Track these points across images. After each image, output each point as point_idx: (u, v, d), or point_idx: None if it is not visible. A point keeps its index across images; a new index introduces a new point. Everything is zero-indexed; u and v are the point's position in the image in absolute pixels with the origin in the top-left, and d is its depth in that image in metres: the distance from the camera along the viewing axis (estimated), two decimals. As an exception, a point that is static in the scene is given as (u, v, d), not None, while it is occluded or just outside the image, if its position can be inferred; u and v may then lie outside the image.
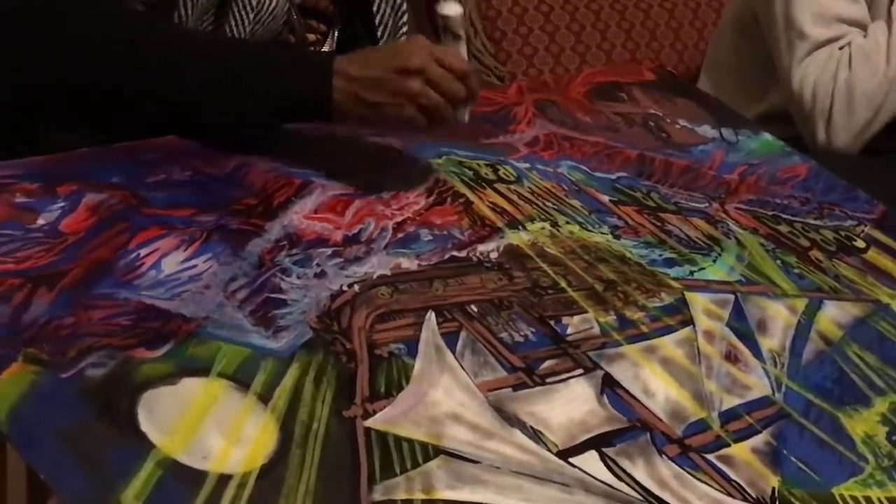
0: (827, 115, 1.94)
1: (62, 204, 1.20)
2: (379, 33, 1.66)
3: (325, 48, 1.65)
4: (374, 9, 1.66)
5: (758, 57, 2.07)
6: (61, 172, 1.24)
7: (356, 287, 1.20)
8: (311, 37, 1.64)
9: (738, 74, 2.14)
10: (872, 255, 1.49)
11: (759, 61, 2.07)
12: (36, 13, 1.37)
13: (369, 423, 1.05)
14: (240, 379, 1.05)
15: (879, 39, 1.95)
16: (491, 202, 1.39)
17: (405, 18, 1.67)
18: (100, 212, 1.21)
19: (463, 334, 1.17)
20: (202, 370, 1.05)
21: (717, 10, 2.60)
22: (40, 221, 1.17)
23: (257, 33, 1.53)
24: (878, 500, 1.14)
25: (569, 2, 2.64)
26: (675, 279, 1.35)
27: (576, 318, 1.24)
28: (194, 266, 1.17)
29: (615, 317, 1.26)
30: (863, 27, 1.99)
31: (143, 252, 1.17)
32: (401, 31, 1.67)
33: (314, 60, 1.35)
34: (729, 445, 1.15)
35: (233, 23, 1.51)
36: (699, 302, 1.32)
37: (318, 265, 1.22)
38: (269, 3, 1.52)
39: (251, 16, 1.51)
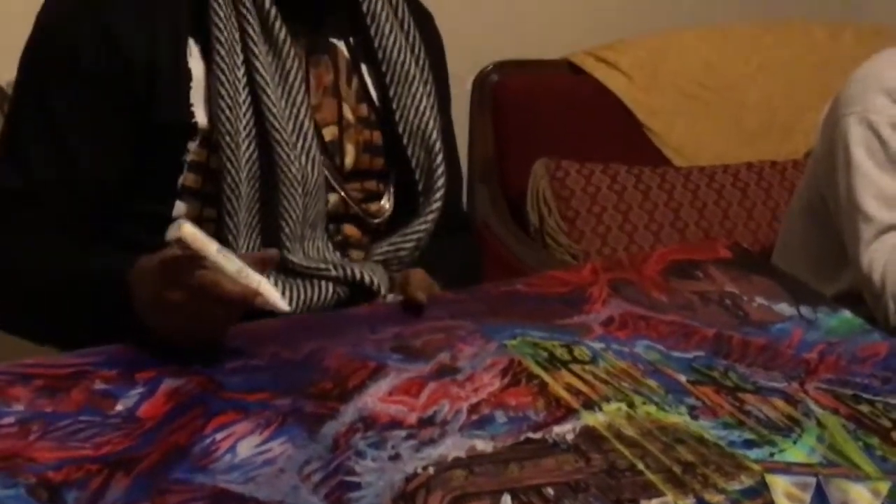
0: (897, 298, 1.93)
1: (140, 390, 1.22)
2: (416, 176, 1.67)
3: (385, 204, 1.67)
4: (409, 153, 1.66)
5: (828, 238, 2.08)
6: (141, 359, 1.27)
7: (431, 469, 1.19)
8: (372, 207, 1.66)
9: (810, 255, 2.14)
10: (956, 436, 1.48)
11: (829, 242, 2.08)
12: None
13: None
14: (313, 566, 1.06)
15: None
16: (566, 383, 1.39)
17: (440, 159, 1.66)
18: (177, 397, 1.23)
19: (540, 520, 1.17)
20: (276, 556, 1.06)
21: (789, 190, 2.61)
22: (118, 407, 1.19)
23: (310, 207, 1.55)
24: None
25: (640, 181, 2.67)
26: (755, 461, 1.33)
27: (654, 501, 1.23)
28: (270, 450, 1.18)
29: (694, 500, 1.25)
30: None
31: (218, 437, 1.18)
32: (437, 173, 1.66)
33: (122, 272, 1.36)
34: None
35: (285, 203, 1.52)
36: (780, 485, 1.30)
37: (392, 447, 1.22)
38: (312, 174, 1.54)
39: (300, 189, 1.52)
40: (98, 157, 1.49)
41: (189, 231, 1.22)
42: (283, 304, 1.30)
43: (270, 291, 1.28)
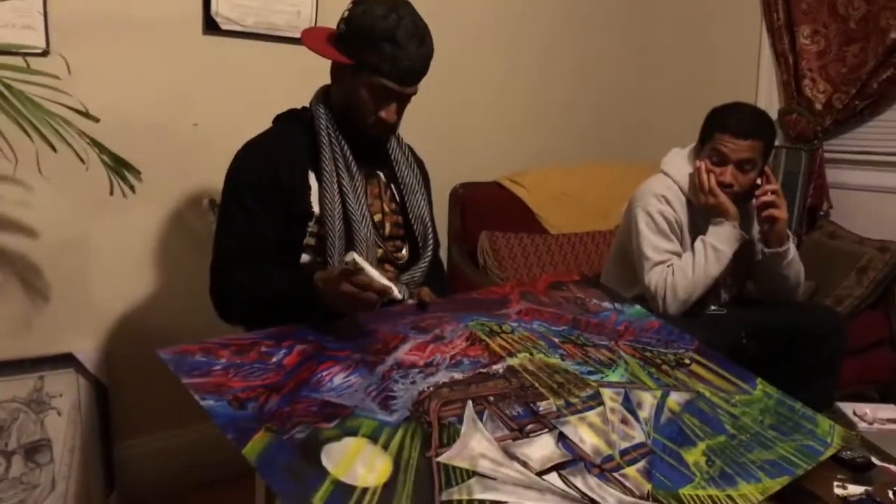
0: (663, 299, 1.93)
1: (284, 350, 1.21)
2: (418, 240, 1.64)
3: (404, 253, 1.64)
4: (414, 228, 1.64)
5: (629, 267, 2.08)
6: (284, 335, 1.26)
7: (431, 388, 1.19)
8: (398, 255, 1.63)
9: (620, 275, 2.14)
10: (694, 367, 1.47)
11: (628, 270, 2.08)
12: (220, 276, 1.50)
13: (439, 459, 1.04)
14: (372, 437, 1.05)
15: (687, 261, 1.95)
16: (499, 343, 1.38)
17: (429, 232, 1.65)
18: (303, 353, 1.22)
19: (486, 411, 1.16)
20: (354, 433, 1.05)
21: (608, 245, 2.58)
22: (273, 360, 1.19)
23: (369, 253, 1.53)
24: (700, 496, 1.11)
25: (534, 241, 2.66)
26: (594, 381, 1.33)
27: (543, 403, 1.23)
28: (350, 380, 1.17)
29: (564, 401, 1.24)
30: (678, 255, 1.99)
31: (324, 373, 1.18)
32: (428, 239, 1.65)
33: (307, 281, 1.35)
34: (624, 468, 1.13)
35: (357, 250, 1.51)
36: (606, 393, 1.30)
37: (412, 378, 1.21)
38: (369, 236, 1.52)
39: (364, 244, 1.50)
40: (269, 229, 1.48)
41: (357, 257, 1.25)
42: (400, 296, 1.31)
43: (396, 289, 1.28)
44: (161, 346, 1.15)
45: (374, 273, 1.26)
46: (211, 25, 2.08)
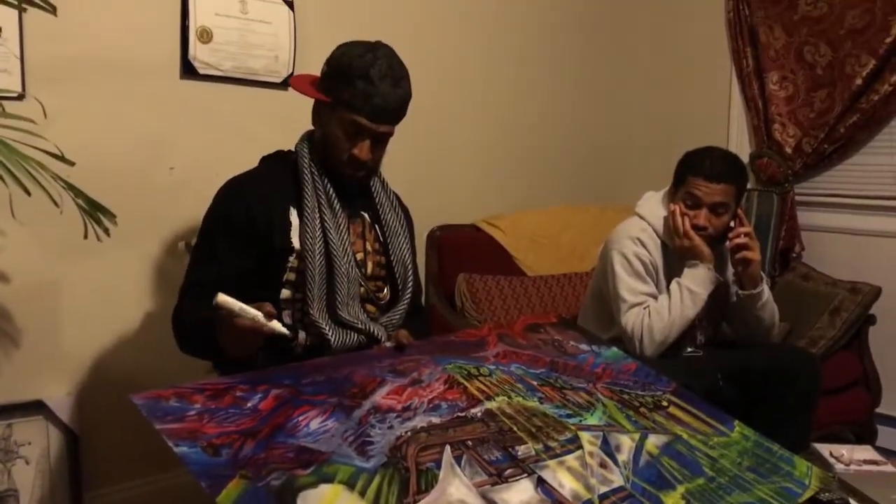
0: (640, 340, 1.94)
1: (260, 395, 1.20)
2: (398, 281, 1.66)
3: (386, 293, 1.65)
4: (395, 270, 1.66)
5: (605, 308, 2.09)
6: (260, 379, 1.24)
7: (409, 433, 1.18)
8: (380, 294, 1.64)
9: (597, 317, 2.15)
10: (672, 409, 1.47)
11: (605, 312, 2.09)
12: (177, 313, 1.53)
13: (417, 505, 1.03)
14: (349, 484, 1.04)
15: (663, 303, 1.97)
16: (476, 386, 1.38)
17: (409, 274, 1.67)
18: (279, 398, 1.20)
19: (465, 456, 1.15)
20: (330, 479, 1.04)
21: (584, 286, 2.58)
22: (249, 405, 1.17)
23: (351, 289, 1.55)
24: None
25: (511, 283, 2.67)
26: (572, 424, 1.32)
27: (522, 447, 1.22)
28: (326, 424, 1.16)
29: (542, 445, 1.24)
30: (654, 297, 2.01)
31: (300, 418, 1.16)
32: (408, 281, 1.66)
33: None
34: (604, 512, 1.13)
35: (338, 286, 1.53)
36: (585, 436, 1.29)
37: (389, 422, 1.20)
38: (351, 272, 1.54)
39: (346, 279, 1.53)
40: (233, 265, 1.51)
41: (221, 298, 1.26)
42: (282, 329, 1.30)
43: (274, 324, 1.28)
44: (134, 391, 1.13)
45: (246, 310, 1.26)
46: (188, 70, 2.10)
